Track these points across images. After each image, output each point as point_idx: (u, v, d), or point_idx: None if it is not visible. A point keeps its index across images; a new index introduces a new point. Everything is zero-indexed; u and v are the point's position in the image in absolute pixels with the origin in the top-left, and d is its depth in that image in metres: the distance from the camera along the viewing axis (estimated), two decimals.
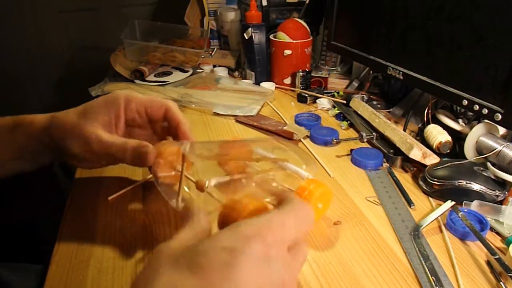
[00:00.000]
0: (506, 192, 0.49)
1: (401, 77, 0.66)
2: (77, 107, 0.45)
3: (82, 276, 0.40)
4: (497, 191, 0.49)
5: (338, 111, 0.77)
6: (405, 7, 0.63)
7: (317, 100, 0.83)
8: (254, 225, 0.26)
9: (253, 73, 0.94)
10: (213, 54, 1.09)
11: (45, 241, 0.57)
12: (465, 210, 0.48)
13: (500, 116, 0.49)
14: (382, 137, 0.64)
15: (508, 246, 0.42)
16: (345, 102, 0.78)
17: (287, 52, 0.89)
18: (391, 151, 0.60)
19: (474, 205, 0.48)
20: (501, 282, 0.38)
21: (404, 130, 0.67)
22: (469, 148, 0.56)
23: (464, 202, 0.49)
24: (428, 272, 0.39)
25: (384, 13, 0.68)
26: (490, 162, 0.52)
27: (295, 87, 0.90)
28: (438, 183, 0.51)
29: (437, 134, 0.59)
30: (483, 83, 0.51)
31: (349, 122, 0.74)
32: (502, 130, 0.54)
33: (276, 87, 0.92)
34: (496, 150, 0.51)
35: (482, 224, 0.46)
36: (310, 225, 0.29)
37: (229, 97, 0.86)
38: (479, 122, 0.56)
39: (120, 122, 0.45)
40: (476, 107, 0.52)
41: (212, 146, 0.48)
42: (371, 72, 0.88)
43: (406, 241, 0.44)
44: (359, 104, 0.74)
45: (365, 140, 0.63)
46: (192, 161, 0.39)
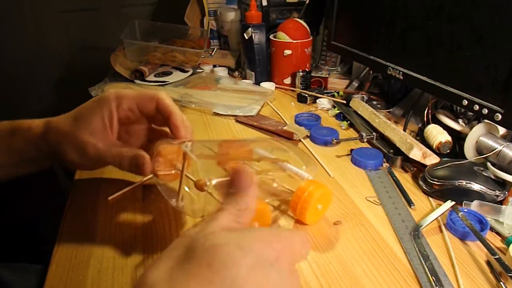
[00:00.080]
0: (506, 192, 0.49)
1: (401, 77, 0.66)
2: (70, 112, 0.45)
3: (82, 276, 0.40)
4: (497, 191, 0.49)
5: (338, 111, 0.77)
6: (405, 7, 0.63)
7: (317, 100, 0.83)
8: (270, 232, 0.27)
9: (253, 73, 0.94)
10: (213, 54, 1.09)
11: (45, 241, 0.57)
12: (465, 210, 0.48)
13: (500, 116, 0.49)
14: (382, 137, 0.64)
15: (508, 246, 0.42)
16: (345, 102, 0.78)
17: (287, 52, 0.89)
18: (391, 151, 0.60)
19: (474, 205, 0.48)
20: (501, 282, 0.38)
21: (404, 130, 0.67)
22: (469, 148, 0.56)
23: (464, 202, 0.49)
24: (428, 272, 0.39)
25: (384, 13, 0.68)
26: (490, 162, 0.52)
27: (295, 87, 0.90)
28: (438, 183, 0.51)
29: (437, 134, 0.59)
30: (483, 83, 0.51)
31: (349, 122, 0.74)
32: (502, 130, 0.54)
33: (276, 87, 0.92)
34: (496, 150, 0.51)
35: (482, 224, 0.46)
36: (307, 253, 0.30)
37: (229, 97, 0.86)
38: (479, 122, 0.56)
39: (114, 123, 0.44)
40: (476, 107, 0.52)
41: (212, 145, 0.48)
42: (371, 72, 0.88)
43: (406, 241, 0.44)
44: (359, 104, 0.74)
45: (365, 140, 0.63)
46: (193, 160, 0.39)
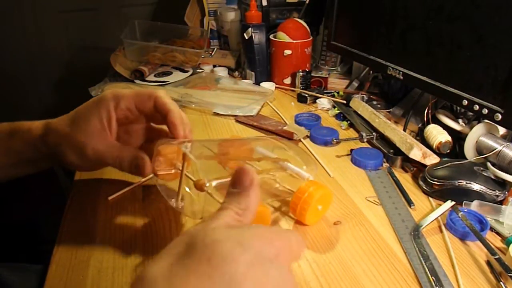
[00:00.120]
0: (506, 192, 0.49)
1: (401, 77, 0.66)
2: (68, 114, 0.45)
3: (82, 276, 0.40)
4: (497, 191, 0.49)
5: (338, 111, 0.77)
6: (405, 7, 0.63)
7: (317, 100, 0.83)
8: (269, 230, 0.27)
9: (253, 73, 0.94)
10: (213, 54, 1.09)
11: (45, 241, 0.57)
12: (465, 210, 0.48)
13: (500, 116, 0.49)
14: (382, 137, 0.64)
15: (508, 246, 0.42)
16: (345, 102, 0.78)
17: (287, 52, 0.89)
18: (391, 151, 0.60)
19: (474, 205, 0.48)
20: (501, 282, 0.38)
21: (404, 130, 0.67)
22: (469, 148, 0.56)
23: (464, 202, 0.49)
24: (428, 272, 0.39)
25: (384, 13, 0.68)
26: (490, 162, 0.52)
27: (295, 87, 0.90)
28: (438, 183, 0.51)
29: (437, 134, 0.59)
30: (483, 83, 0.51)
31: (349, 122, 0.74)
32: (502, 130, 0.54)
33: (276, 87, 0.92)
34: (496, 150, 0.51)
35: (482, 224, 0.46)
36: (302, 252, 0.30)
37: (229, 97, 0.86)
38: (479, 122, 0.56)
39: (112, 124, 0.44)
40: (476, 107, 0.52)
41: (212, 144, 0.48)
42: (371, 72, 0.88)
43: (406, 241, 0.44)
44: (359, 104, 0.74)
45: (365, 140, 0.63)
46: (193, 161, 0.39)
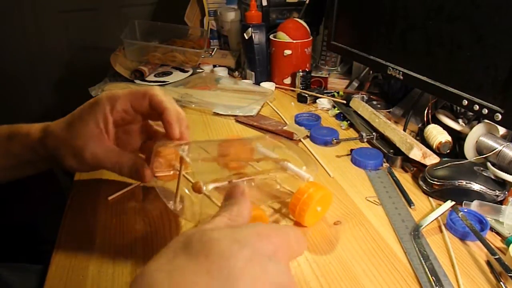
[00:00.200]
0: (506, 192, 0.49)
1: (401, 77, 0.66)
2: (65, 118, 0.44)
3: (82, 276, 0.40)
4: (497, 191, 0.49)
5: (338, 111, 0.77)
6: (405, 7, 0.63)
7: (317, 100, 0.83)
8: (267, 227, 0.28)
9: (253, 73, 0.94)
10: (213, 54, 1.09)
11: (45, 241, 0.57)
12: (465, 210, 0.48)
13: (500, 116, 0.49)
14: (382, 137, 0.64)
15: (508, 246, 0.42)
16: (345, 102, 0.78)
17: (287, 52, 0.89)
18: (391, 151, 0.60)
19: (474, 205, 0.48)
20: (501, 282, 0.38)
21: (404, 130, 0.67)
22: (469, 148, 0.56)
23: (464, 202, 0.49)
24: (428, 272, 0.39)
25: (384, 13, 0.68)
26: (490, 162, 0.52)
27: (295, 87, 0.90)
28: (438, 183, 0.51)
29: (437, 134, 0.59)
30: (483, 83, 0.51)
31: (349, 122, 0.74)
32: (502, 130, 0.54)
33: (276, 87, 0.92)
34: (496, 150, 0.51)
35: (482, 224, 0.46)
36: (304, 249, 0.30)
37: (229, 97, 0.86)
38: (479, 122, 0.56)
39: (109, 127, 0.43)
40: (476, 107, 0.52)
41: (211, 145, 0.47)
42: (371, 72, 0.88)
43: (406, 241, 0.44)
44: (359, 104, 0.74)
45: (365, 140, 0.63)
46: (190, 164, 0.39)
